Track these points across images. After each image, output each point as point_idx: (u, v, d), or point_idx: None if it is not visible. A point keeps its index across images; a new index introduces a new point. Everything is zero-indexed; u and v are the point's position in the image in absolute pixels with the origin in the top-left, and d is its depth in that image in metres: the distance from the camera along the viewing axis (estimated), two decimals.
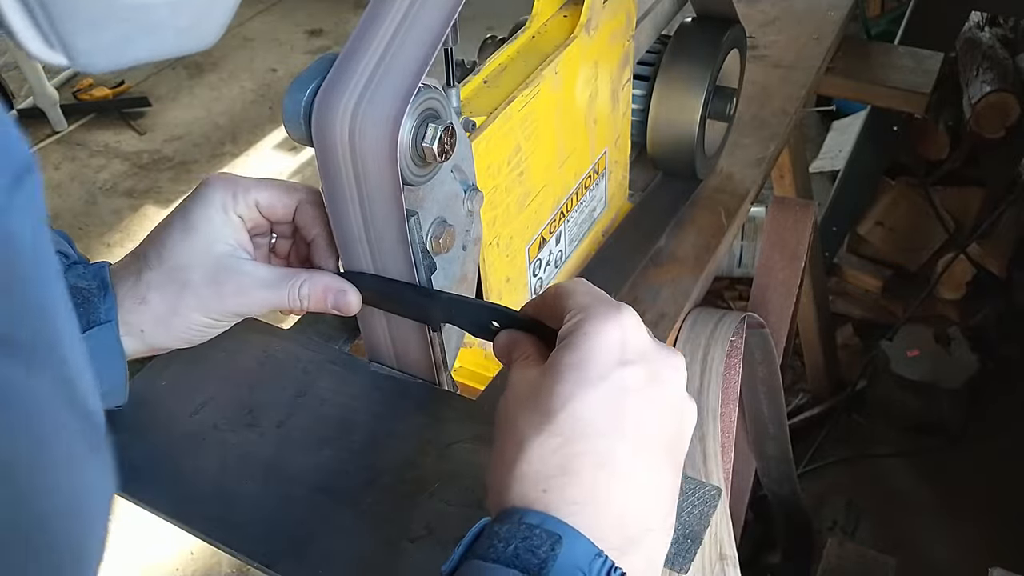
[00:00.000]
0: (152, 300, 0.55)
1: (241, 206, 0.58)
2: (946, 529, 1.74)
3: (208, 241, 0.56)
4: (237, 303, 0.57)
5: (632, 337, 0.42)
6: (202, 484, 0.57)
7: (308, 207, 0.60)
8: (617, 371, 0.41)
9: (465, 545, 0.39)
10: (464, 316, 0.55)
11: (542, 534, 0.37)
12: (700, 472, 0.77)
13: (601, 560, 0.37)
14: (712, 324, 0.82)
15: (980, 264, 2.04)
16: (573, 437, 0.39)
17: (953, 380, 1.87)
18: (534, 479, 0.39)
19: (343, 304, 0.57)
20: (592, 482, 0.39)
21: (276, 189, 0.59)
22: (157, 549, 1.83)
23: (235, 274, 0.56)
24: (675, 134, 0.86)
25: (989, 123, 1.83)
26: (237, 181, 0.58)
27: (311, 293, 0.57)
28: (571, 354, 0.41)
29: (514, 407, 0.42)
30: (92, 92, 3.21)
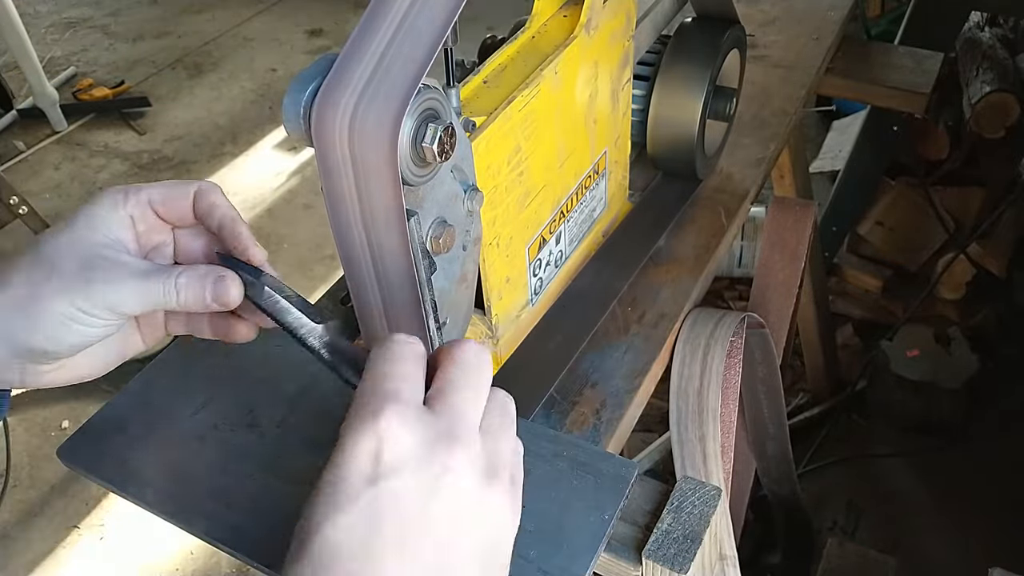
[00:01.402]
0: (14, 281, 0.51)
1: (132, 204, 0.55)
2: (946, 529, 1.74)
3: (87, 233, 0.53)
4: (105, 292, 0.51)
5: (388, 447, 0.38)
6: (202, 484, 0.57)
7: (204, 196, 0.56)
8: (368, 490, 0.37)
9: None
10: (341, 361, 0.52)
11: None
12: (700, 472, 0.77)
13: None
14: (712, 324, 0.82)
15: (980, 264, 2.04)
16: (323, 563, 0.37)
17: (953, 380, 1.87)
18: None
19: (222, 294, 0.53)
20: None
21: (171, 184, 0.56)
22: (157, 549, 1.83)
23: (108, 263, 0.52)
24: (675, 134, 0.86)
25: (989, 123, 1.83)
26: (130, 186, 0.56)
27: (189, 282, 0.52)
28: (329, 471, 0.39)
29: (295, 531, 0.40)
30: (92, 92, 3.21)
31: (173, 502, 0.56)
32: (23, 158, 3.01)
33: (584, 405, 0.70)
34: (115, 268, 0.52)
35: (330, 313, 0.54)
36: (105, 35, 3.74)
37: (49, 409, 2.14)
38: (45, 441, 2.07)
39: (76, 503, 1.93)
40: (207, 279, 0.53)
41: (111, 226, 0.54)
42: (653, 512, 0.62)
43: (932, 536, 1.74)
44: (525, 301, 0.74)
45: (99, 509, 1.90)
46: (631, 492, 0.55)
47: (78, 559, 1.84)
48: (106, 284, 0.51)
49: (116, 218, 0.54)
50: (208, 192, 0.57)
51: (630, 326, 0.78)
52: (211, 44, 3.61)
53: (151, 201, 0.55)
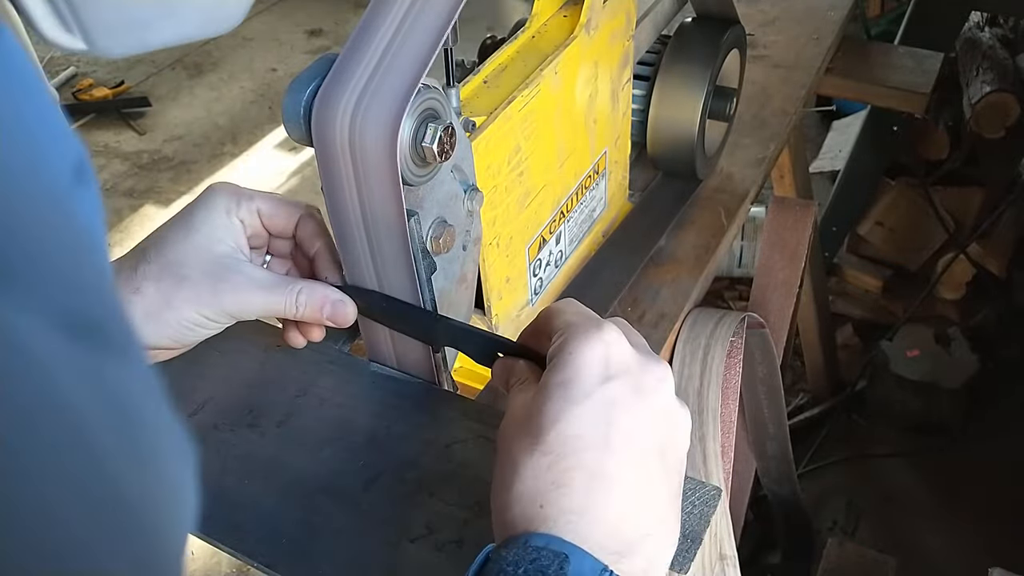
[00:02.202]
0: (147, 291, 0.54)
1: (244, 211, 0.58)
2: (946, 529, 1.74)
3: (209, 240, 0.56)
4: (233, 302, 0.56)
5: (615, 352, 0.43)
6: (202, 484, 0.56)
7: (309, 221, 0.60)
8: (601, 387, 0.42)
9: (474, 572, 0.39)
10: (468, 345, 0.55)
11: (549, 554, 0.38)
12: (700, 472, 0.77)
13: (608, 574, 0.38)
14: (712, 324, 0.82)
15: (980, 264, 2.04)
16: (564, 453, 0.41)
17: (953, 380, 1.87)
18: (530, 497, 0.40)
19: (340, 315, 0.58)
20: (585, 493, 0.40)
21: (279, 200, 0.60)
22: None
23: (233, 273, 0.56)
24: (675, 134, 0.86)
25: (989, 123, 1.83)
26: (241, 189, 0.58)
27: (308, 301, 0.57)
28: (557, 374, 0.43)
29: (510, 432, 0.44)
30: (92, 92, 3.21)
31: None
32: None
33: None
34: (240, 278, 0.56)
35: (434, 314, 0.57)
36: None
37: None
38: None
39: None
40: (327, 300, 0.57)
41: (229, 234, 0.57)
42: None
43: (932, 536, 1.74)
44: (525, 301, 0.74)
45: None
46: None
47: None
48: (233, 295, 0.55)
49: (232, 224, 0.57)
50: (312, 220, 0.60)
51: None
52: (211, 44, 3.61)
53: (260, 211, 0.59)
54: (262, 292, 0.56)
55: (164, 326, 0.55)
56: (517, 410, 0.45)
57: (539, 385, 0.44)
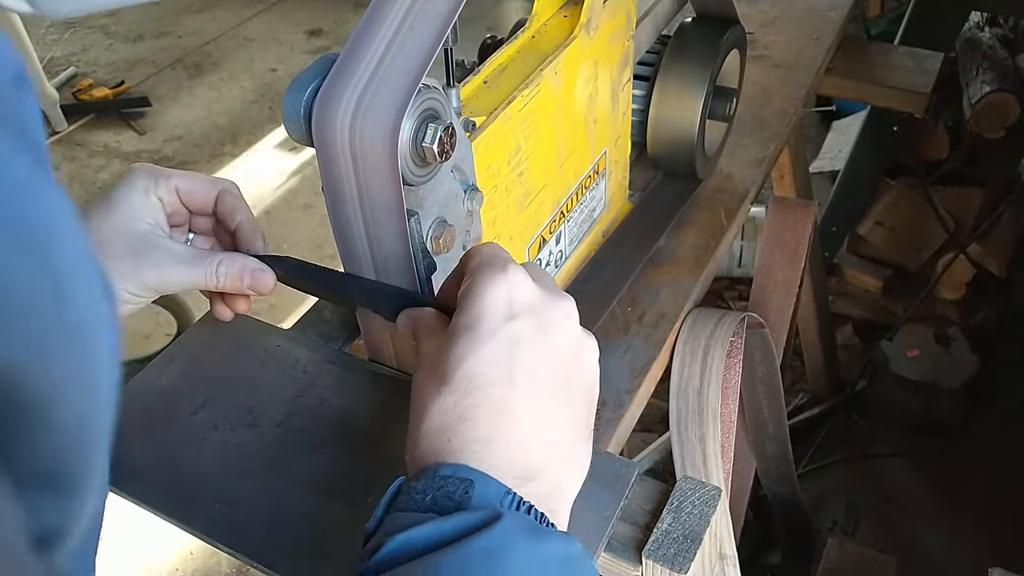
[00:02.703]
0: None
1: (162, 190, 0.60)
2: (946, 529, 1.74)
3: (128, 218, 0.58)
4: (154, 276, 0.58)
5: (519, 292, 0.44)
6: (202, 484, 0.57)
7: (228, 196, 0.62)
8: (505, 325, 0.43)
9: (385, 503, 0.41)
10: (380, 301, 0.56)
11: (455, 481, 0.40)
12: (700, 472, 0.77)
13: (511, 497, 0.40)
14: (712, 324, 0.82)
15: (980, 264, 2.04)
16: (470, 390, 0.42)
17: (953, 380, 1.87)
18: (438, 431, 0.42)
19: (259, 283, 0.60)
20: (490, 424, 0.42)
21: (196, 178, 0.62)
22: (157, 549, 1.83)
23: (153, 248, 0.58)
24: (675, 134, 0.86)
25: (989, 123, 1.83)
26: (160, 169, 0.61)
27: (228, 271, 0.59)
28: (463, 316, 0.44)
29: (421, 378, 0.45)
30: (92, 92, 3.21)
31: (173, 502, 0.56)
32: None
33: None
34: (160, 253, 0.58)
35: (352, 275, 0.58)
36: (105, 35, 3.73)
37: None
38: None
39: None
40: (245, 270, 0.59)
41: (147, 211, 0.59)
42: (653, 512, 0.62)
43: (932, 536, 1.74)
44: None
45: None
46: (631, 492, 0.55)
47: None
48: (154, 270, 0.57)
49: (151, 202, 0.59)
50: (230, 195, 0.62)
51: (630, 326, 0.78)
52: (211, 44, 3.61)
53: (178, 189, 0.61)
54: (182, 266, 0.58)
55: None
56: (426, 357, 0.46)
57: (447, 330, 0.45)
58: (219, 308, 0.64)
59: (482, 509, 0.39)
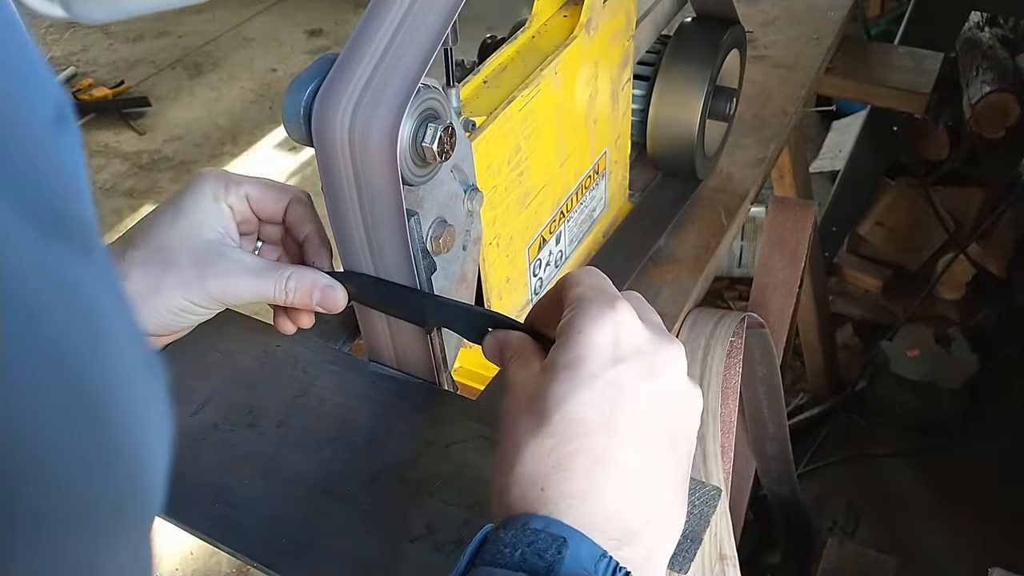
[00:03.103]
0: (133, 276, 0.54)
1: (232, 197, 0.57)
2: (946, 529, 1.74)
3: (196, 226, 0.56)
4: (220, 287, 0.55)
5: (626, 333, 0.42)
6: (202, 484, 0.57)
7: (298, 206, 0.60)
8: (610, 369, 0.41)
9: (471, 552, 0.38)
10: (460, 321, 0.54)
11: (547, 537, 0.37)
12: (700, 472, 0.77)
13: (606, 561, 0.37)
14: (712, 324, 0.82)
15: (980, 264, 2.04)
16: (568, 436, 0.40)
17: (953, 380, 1.87)
18: (531, 479, 0.40)
19: (330, 300, 0.57)
20: (587, 477, 0.39)
21: (267, 185, 0.59)
22: (157, 549, 1.83)
23: (221, 259, 0.55)
24: (675, 134, 0.86)
25: (989, 123, 1.83)
26: (230, 175, 0.58)
27: (298, 287, 0.56)
28: (565, 353, 0.41)
29: (512, 411, 0.42)
30: (92, 92, 3.21)
31: (173, 502, 0.56)
32: None
33: None
34: (227, 263, 0.55)
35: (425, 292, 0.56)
36: (105, 35, 3.73)
37: None
38: None
39: None
40: (316, 286, 0.57)
41: (217, 219, 0.56)
42: None
43: (932, 536, 1.74)
44: (525, 301, 0.74)
45: None
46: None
47: None
48: (220, 280, 0.55)
49: (220, 210, 0.57)
50: (301, 205, 0.60)
51: None
52: (211, 44, 3.61)
53: (248, 196, 0.58)
54: (250, 277, 0.56)
55: (151, 312, 0.54)
56: (519, 388, 0.43)
57: (545, 363, 0.42)
58: (282, 321, 0.61)
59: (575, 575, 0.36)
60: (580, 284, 0.45)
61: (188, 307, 0.55)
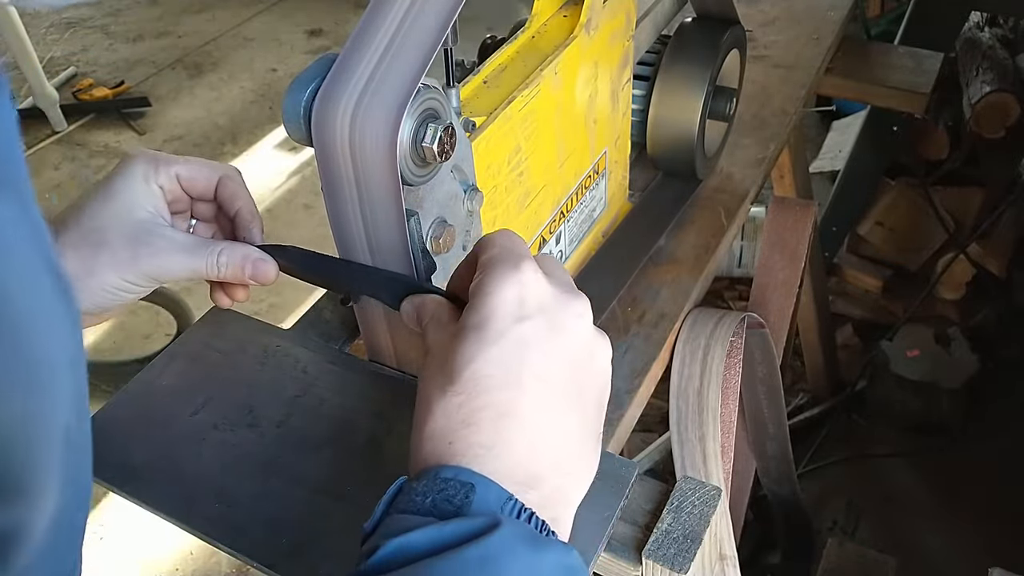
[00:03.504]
0: (68, 258, 0.55)
1: (163, 177, 0.59)
2: (946, 529, 1.74)
3: (127, 206, 0.57)
4: (154, 265, 0.57)
5: (531, 292, 0.43)
6: (202, 484, 0.57)
7: (228, 182, 0.61)
8: (515, 327, 0.42)
9: (385, 503, 0.40)
10: (382, 289, 0.55)
11: (456, 484, 0.39)
12: (700, 472, 0.77)
13: (512, 503, 0.40)
14: (712, 324, 0.82)
15: (980, 264, 2.04)
16: (475, 393, 0.41)
17: (953, 380, 1.87)
18: (441, 434, 0.42)
19: (261, 273, 0.59)
20: (493, 429, 0.41)
21: (197, 163, 0.61)
22: (157, 549, 1.83)
23: (153, 237, 0.57)
24: (675, 134, 0.86)
25: (989, 123, 1.83)
26: (159, 156, 0.60)
27: (229, 261, 0.58)
28: (473, 315, 0.43)
29: (426, 373, 0.44)
30: (92, 92, 3.21)
31: (173, 502, 0.56)
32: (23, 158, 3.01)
33: None
34: (160, 242, 0.57)
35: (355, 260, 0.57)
36: (105, 35, 3.73)
37: None
38: None
39: None
40: (248, 260, 0.59)
41: (147, 199, 0.58)
42: (653, 512, 0.62)
43: (932, 536, 1.74)
44: None
45: (99, 509, 1.90)
46: (631, 492, 0.55)
47: None
48: (153, 258, 0.56)
49: (151, 190, 0.58)
50: (231, 181, 0.61)
51: (630, 326, 0.78)
52: (211, 44, 3.61)
53: (179, 176, 0.60)
54: (182, 254, 0.57)
55: (86, 293, 0.56)
56: (434, 350, 0.45)
57: (456, 326, 0.44)
58: (218, 296, 0.64)
59: (481, 515, 0.38)
60: (492, 246, 0.46)
61: (123, 286, 0.57)
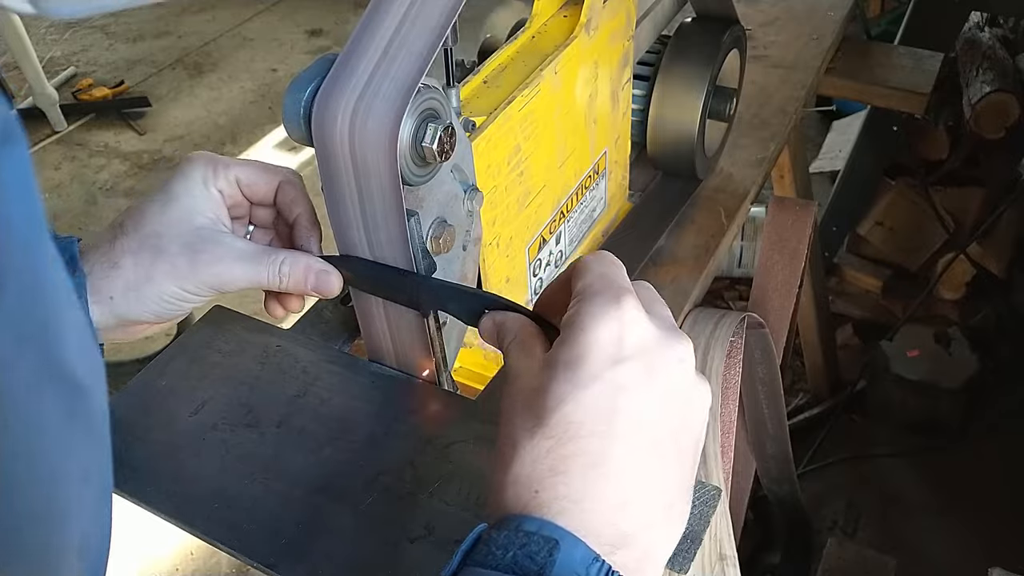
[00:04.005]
0: (125, 265, 0.54)
1: (222, 181, 0.57)
2: (946, 529, 1.74)
3: (187, 212, 0.55)
4: (212, 274, 0.54)
5: (630, 332, 0.40)
6: (202, 484, 0.57)
7: (289, 187, 0.59)
8: (611, 369, 0.39)
9: (463, 551, 0.38)
10: (456, 303, 0.54)
11: (539, 540, 0.37)
12: (700, 472, 0.77)
13: (598, 565, 0.37)
14: (712, 324, 0.82)
15: (980, 264, 2.04)
16: (564, 439, 0.39)
17: (953, 380, 1.87)
18: (527, 482, 0.39)
19: (324, 285, 0.56)
20: (582, 481, 0.38)
21: (257, 167, 0.59)
22: (157, 549, 1.83)
23: (213, 245, 0.55)
24: (675, 134, 0.86)
25: (989, 123, 1.83)
26: (219, 158, 0.58)
27: (292, 272, 0.56)
28: (567, 351, 0.40)
29: (511, 406, 0.42)
30: (92, 92, 3.21)
31: (173, 502, 0.56)
32: None
33: None
34: (219, 250, 0.55)
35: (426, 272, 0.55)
36: (105, 35, 3.73)
37: None
38: None
39: None
40: (311, 271, 0.56)
41: (207, 204, 0.56)
42: None
43: (932, 536, 1.74)
44: (525, 301, 0.74)
45: None
46: None
47: None
48: (212, 267, 0.54)
49: (210, 194, 0.56)
50: (292, 187, 0.59)
51: None
52: (211, 44, 3.61)
53: (239, 180, 0.58)
54: (243, 264, 0.55)
55: (145, 300, 0.54)
56: (520, 380, 0.42)
57: (547, 358, 0.41)
58: (273, 306, 0.61)
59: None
60: (588, 273, 0.43)
61: (181, 295, 0.55)
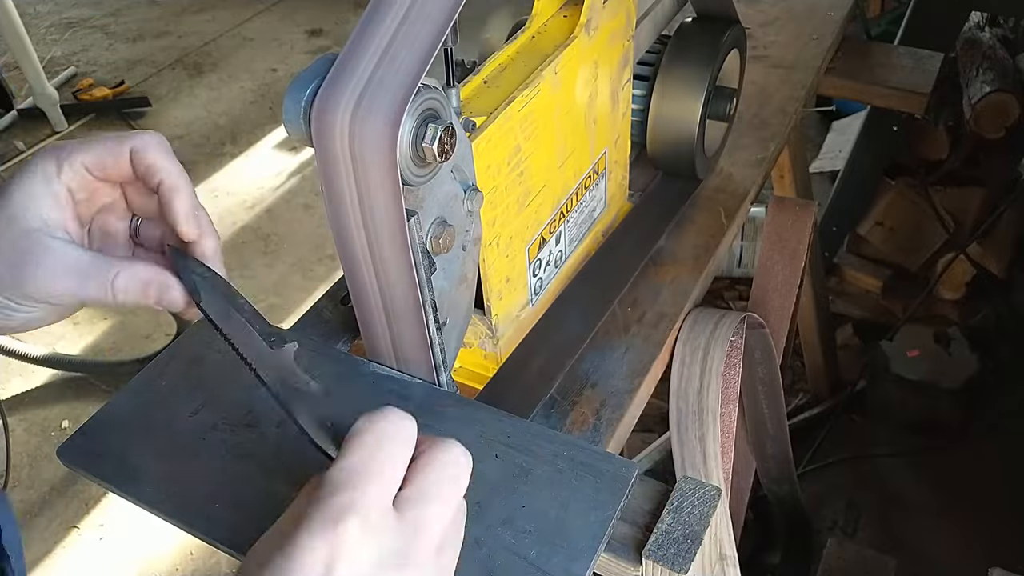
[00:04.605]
0: None
1: (67, 174, 0.50)
2: (946, 529, 1.74)
3: (21, 212, 0.48)
4: (37, 288, 0.48)
5: (344, 564, 0.37)
6: (202, 484, 0.57)
7: (141, 154, 0.51)
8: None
9: None
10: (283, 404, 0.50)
11: None
12: (700, 472, 0.77)
13: None
14: (712, 324, 0.82)
15: (980, 264, 2.04)
16: None
17: (953, 380, 1.87)
18: None
19: (167, 300, 0.51)
20: None
21: (102, 143, 0.51)
22: (156, 549, 1.83)
23: (39, 255, 0.48)
24: (675, 134, 0.86)
25: (989, 123, 1.83)
26: (64, 147, 0.51)
27: (128, 286, 0.50)
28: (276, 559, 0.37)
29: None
30: (92, 92, 3.21)
31: (173, 502, 0.56)
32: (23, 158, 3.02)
33: (584, 405, 0.70)
34: (47, 259, 0.48)
35: (282, 338, 0.50)
36: (105, 35, 3.74)
37: (49, 409, 2.14)
38: (45, 441, 2.07)
39: (76, 503, 1.93)
40: (151, 285, 0.50)
41: (45, 205, 0.49)
42: (653, 512, 0.62)
43: (932, 536, 1.74)
44: (525, 301, 0.74)
45: (99, 509, 1.90)
46: (631, 492, 0.55)
47: (78, 559, 1.84)
48: (38, 280, 0.48)
49: (50, 193, 0.50)
50: (145, 153, 0.51)
51: (630, 326, 0.78)
52: (211, 44, 3.61)
53: (86, 166, 0.51)
54: (70, 276, 0.49)
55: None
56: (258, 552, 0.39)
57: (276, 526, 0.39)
58: None
59: None
60: (351, 447, 0.40)
61: (11, 305, 0.49)
